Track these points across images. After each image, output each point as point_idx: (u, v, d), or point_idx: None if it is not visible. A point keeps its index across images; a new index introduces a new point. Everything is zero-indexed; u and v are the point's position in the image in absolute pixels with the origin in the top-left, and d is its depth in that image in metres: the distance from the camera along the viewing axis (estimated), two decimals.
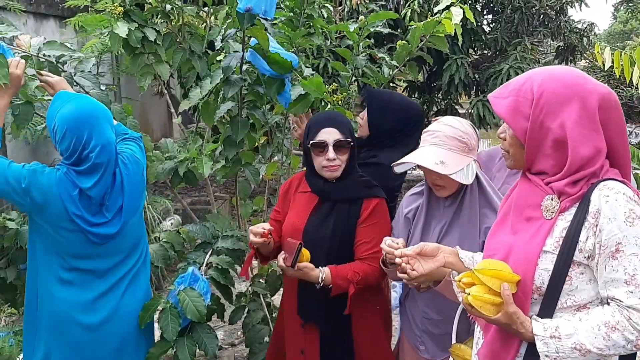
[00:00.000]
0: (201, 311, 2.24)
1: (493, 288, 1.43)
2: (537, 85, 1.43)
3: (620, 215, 1.36)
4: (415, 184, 2.26)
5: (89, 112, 1.99)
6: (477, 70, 7.64)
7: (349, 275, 2.11)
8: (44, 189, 1.96)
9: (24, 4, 5.67)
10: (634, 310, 1.34)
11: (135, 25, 2.75)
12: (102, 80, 6.82)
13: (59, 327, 2.06)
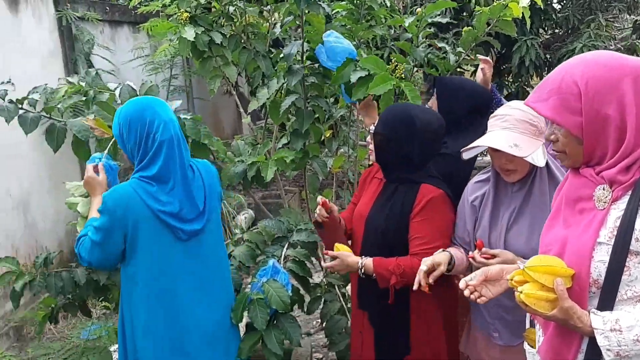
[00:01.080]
0: (285, 301, 2.34)
1: (546, 284, 1.40)
2: (579, 77, 1.37)
3: None
4: (482, 170, 2.25)
5: (147, 100, 2.14)
6: (548, 50, 7.37)
7: (392, 266, 2.14)
8: (119, 195, 2.06)
9: (100, 13, 5.98)
10: None
11: (202, 29, 2.87)
12: (175, 83, 7.14)
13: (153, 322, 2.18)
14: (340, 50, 2.64)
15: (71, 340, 3.63)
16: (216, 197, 2.28)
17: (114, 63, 6.09)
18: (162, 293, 2.16)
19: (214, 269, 2.28)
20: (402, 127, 2.19)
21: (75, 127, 2.52)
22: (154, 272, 2.14)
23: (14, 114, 2.53)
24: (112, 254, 2.12)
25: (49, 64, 5.04)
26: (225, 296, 2.35)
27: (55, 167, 4.72)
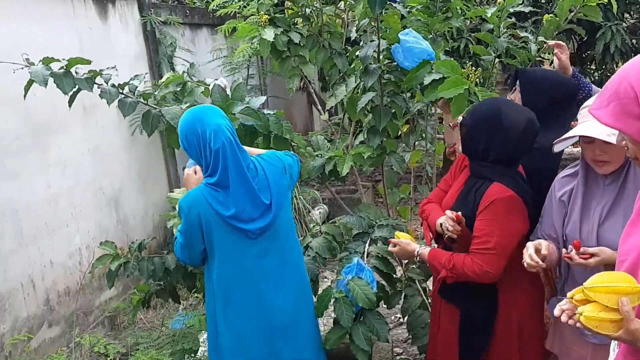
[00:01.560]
0: (371, 299, 2.39)
1: (609, 305, 1.31)
2: (635, 81, 1.28)
3: None
4: (569, 165, 2.19)
5: (196, 111, 2.24)
6: (635, 36, 7.00)
7: (444, 260, 2.18)
8: (191, 198, 2.22)
9: (180, 16, 6.22)
10: None
11: (281, 30, 2.95)
12: (251, 82, 7.31)
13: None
14: (418, 51, 2.65)
15: (161, 330, 3.84)
16: (283, 191, 2.35)
17: (195, 64, 6.32)
18: (238, 288, 2.29)
19: (288, 261, 2.38)
20: (486, 122, 2.17)
21: (169, 115, 2.67)
22: (228, 269, 2.28)
23: (115, 97, 2.73)
24: (197, 252, 2.29)
25: (135, 66, 5.29)
26: (301, 286, 2.44)
27: (143, 168, 5.00)
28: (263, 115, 2.67)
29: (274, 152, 2.42)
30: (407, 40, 2.70)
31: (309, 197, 6.34)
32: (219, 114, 2.25)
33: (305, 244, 2.75)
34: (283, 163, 2.38)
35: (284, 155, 2.43)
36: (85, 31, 4.55)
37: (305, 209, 6.03)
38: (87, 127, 4.34)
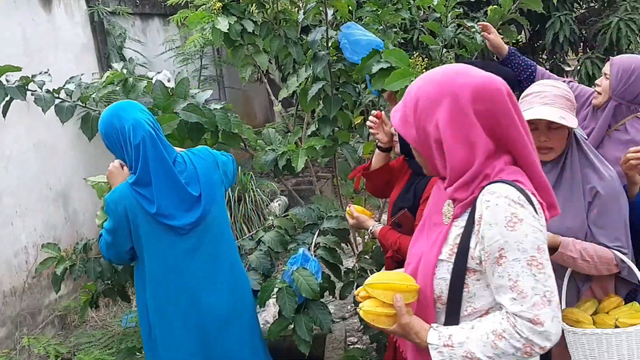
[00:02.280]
0: (315, 289, 2.37)
1: (386, 301, 1.41)
2: (414, 91, 1.39)
3: (501, 220, 1.29)
4: None
5: (113, 108, 2.18)
6: (584, 25, 7.14)
7: (392, 240, 2.25)
8: (118, 194, 2.16)
9: (130, 7, 6.05)
10: (519, 318, 1.28)
11: (234, 19, 2.88)
12: (205, 73, 7.20)
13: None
14: (366, 42, 2.63)
15: (112, 328, 3.75)
16: (215, 185, 2.30)
17: (146, 55, 6.17)
18: (170, 285, 2.24)
19: (221, 257, 2.33)
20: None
21: None
22: (159, 267, 2.22)
23: (50, 103, 2.61)
24: (124, 251, 2.23)
25: (83, 59, 5.14)
26: (236, 283, 2.39)
27: (92, 163, 4.84)
28: (208, 111, 2.59)
29: (205, 147, 2.39)
30: (352, 33, 2.67)
31: (267, 190, 6.29)
32: (137, 108, 2.19)
33: (258, 239, 2.71)
34: (215, 158, 2.34)
35: (218, 152, 2.40)
36: (29, 23, 4.38)
37: (264, 202, 5.99)
38: (32, 122, 4.18)
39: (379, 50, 2.60)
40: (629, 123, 2.43)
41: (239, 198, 5.70)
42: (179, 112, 2.53)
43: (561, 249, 1.93)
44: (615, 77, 2.41)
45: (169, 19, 6.53)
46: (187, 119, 2.55)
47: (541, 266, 1.29)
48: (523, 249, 1.29)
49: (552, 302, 1.29)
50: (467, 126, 1.34)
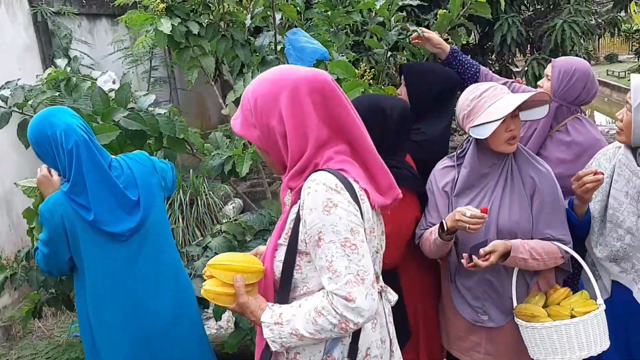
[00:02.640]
0: None
1: (226, 281, 1.48)
2: (250, 94, 1.47)
3: (318, 205, 1.38)
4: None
5: (42, 114, 2.11)
6: (530, 27, 7.35)
7: None
8: (52, 204, 2.08)
9: (76, 7, 5.89)
10: (335, 295, 1.36)
11: (179, 20, 2.82)
12: (155, 74, 7.07)
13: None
14: (311, 50, 2.61)
15: (58, 338, 3.63)
16: (154, 189, 2.25)
17: (94, 57, 6.02)
18: (113, 293, 2.17)
19: (164, 263, 2.27)
20: (373, 118, 2.14)
21: None
22: (99, 275, 2.15)
23: None
24: (63, 261, 2.15)
25: (26, 60, 4.97)
26: (180, 289, 2.33)
27: (37, 168, 4.67)
28: (151, 117, 2.53)
29: (142, 152, 2.33)
30: (298, 40, 2.65)
31: (221, 193, 6.22)
32: (67, 112, 2.12)
33: (205, 245, 2.66)
34: (152, 163, 2.29)
35: (156, 159, 2.35)
36: None
37: (217, 205, 5.91)
38: None
39: (324, 61, 2.59)
40: (570, 124, 2.48)
41: (192, 201, 5.61)
42: (119, 121, 2.45)
43: (513, 253, 1.97)
44: (557, 78, 2.46)
45: (118, 19, 6.37)
46: (127, 127, 2.48)
47: (354, 247, 1.37)
48: (337, 231, 1.36)
49: (365, 280, 1.36)
50: (304, 117, 1.42)
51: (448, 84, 2.49)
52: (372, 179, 1.50)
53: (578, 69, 2.44)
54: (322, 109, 1.44)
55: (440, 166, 2.21)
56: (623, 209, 1.99)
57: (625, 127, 1.96)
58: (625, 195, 1.99)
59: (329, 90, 1.45)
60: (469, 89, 2.11)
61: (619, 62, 22.07)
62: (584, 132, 2.46)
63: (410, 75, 2.49)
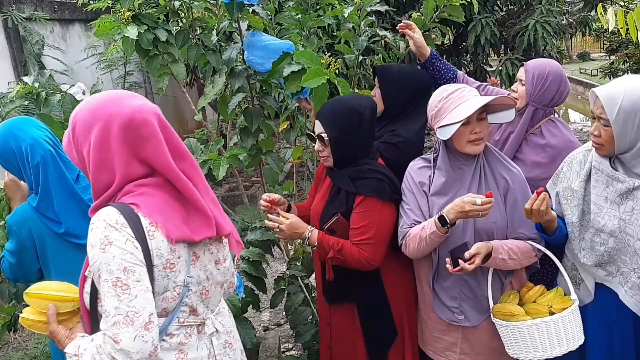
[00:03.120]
0: (236, 305, 2.32)
1: (40, 309, 1.53)
2: (73, 116, 1.46)
3: (97, 242, 1.36)
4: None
5: (6, 126, 2.07)
6: (503, 27, 7.44)
7: (332, 242, 2.20)
8: (20, 215, 2.07)
9: (48, 12, 5.83)
10: (105, 335, 1.35)
11: (145, 28, 2.80)
12: (130, 79, 7.02)
13: None
14: (275, 47, 2.60)
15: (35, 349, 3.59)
16: None
17: (67, 62, 5.97)
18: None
19: None
20: (350, 121, 2.19)
21: None
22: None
23: None
24: (31, 271, 2.13)
25: None
26: None
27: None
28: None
29: None
30: (260, 40, 2.65)
31: None
32: (34, 124, 2.10)
33: None
34: None
35: None
36: None
37: None
38: None
39: (290, 53, 2.59)
40: (544, 127, 2.51)
41: None
42: None
43: (494, 254, 2.01)
44: (531, 82, 2.48)
45: (91, 24, 6.31)
46: None
47: (126, 287, 1.34)
48: (110, 270, 1.34)
49: (135, 321, 1.33)
50: (110, 153, 1.41)
51: (421, 86, 2.52)
52: (189, 216, 1.47)
53: (551, 72, 2.47)
54: (135, 146, 1.42)
55: (416, 166, 2.23)
56: (604, 213, 1.99)
57: (606, 141, 1.94)
58: (604, 200, 2.00)
59: (145, 129, 1.42)
60: (439, 89, 2.14)
61: (591, 60, 22.43)
62: (558, 135, 2.49)
63: (383, 77, 2.51)
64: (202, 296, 1.54)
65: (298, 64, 2.50)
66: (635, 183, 1.92)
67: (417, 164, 2.24)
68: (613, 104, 1.89)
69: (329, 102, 2.30)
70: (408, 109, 2.46)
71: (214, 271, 1.57)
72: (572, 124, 9.77)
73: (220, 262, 1.59)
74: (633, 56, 10.04)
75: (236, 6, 2.50)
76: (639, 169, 1.94)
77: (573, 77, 19.93)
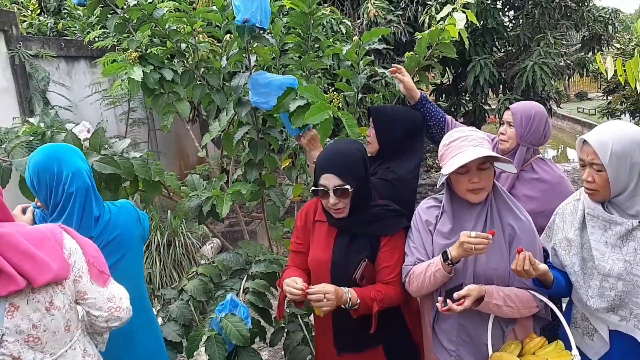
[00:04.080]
0: (244, 335, 2.32)
1: None
2: None
3: None
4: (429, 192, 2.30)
5: (53, 149, 2.08)
6: (502, 68, 7.55)
7: (372, 294, 2.16)
8: None
9: (55, 49, 5.93)
10: None
11: (151, 68, 2.86)
12: (134, 115, 7.09)
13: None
14: (279, 83, 2.65)
15: None
16: (134, 241, 2.18)
17: (72, 99, 6.04)
18: None
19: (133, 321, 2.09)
20: (364, 167, 2.22)
21: (21, 167, 2.44)
22: None
23: None
24: None
25: (2, 103, 4.97)
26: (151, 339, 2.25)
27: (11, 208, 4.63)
28: (125, 161, 2.54)
29: (128, 202, 2.26)
30: (264, 77, 2.69)
31: (199, 233, 6.19)
32: (79, 155, 2.11)
33: (180, 288, 2.65)
34: (137, 214, 2.24)
35: (137, 212, 2.28)
36: None
37: (195, 246, 5.88)
38: None
39: (294, 88, 2.63)
40: (534, 163, 2.63)
41: (169, 243, 5.58)
42: (92, 165, 2.46)
43: (487, 298, 2.00)
44: (520, 124, 2.60)
45: (96, 61, 6.43)
46: (101, 171, 2.48)
47: None
48: None
49: None
50: None
51: (415, 126, 2.58)
52: None
53: (537, 113, 2.60)
54: None
55: (425, 205, 2.25)
56: (607, 257, 1.98)
57: (601, 186, 1.95)
58: (605, 244, 2.00)
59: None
60: (447, 135, 2.17)
61: (589, 100, 22.74)
62: (549, 170, 2.61)
63: (378, 118, 2.56)
64: (30, 343, 1.57)
65: (303, 99, 2.54)
66: (634, 223, 1.94)
67: (427, 203, 2.26)
68: (605, 148, 1.91)
69: (333, 153, 2.25)
70: (402, 148, 2.50)
71: (45, 318, 1.59)
72: (571, 163, 9.82)
73: (54, 308, 1.61)
74: (630, 97, 10.17)
75: (247, 30, 2.56)
76: (633, 210, 1.96)
77: (571, 116, 20.18)
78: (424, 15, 6.52)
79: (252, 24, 2.55)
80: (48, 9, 8.35)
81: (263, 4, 2.57)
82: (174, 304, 2.61)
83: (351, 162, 2.20)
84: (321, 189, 2.18)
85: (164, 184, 2.79)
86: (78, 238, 1.76)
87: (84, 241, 1.78)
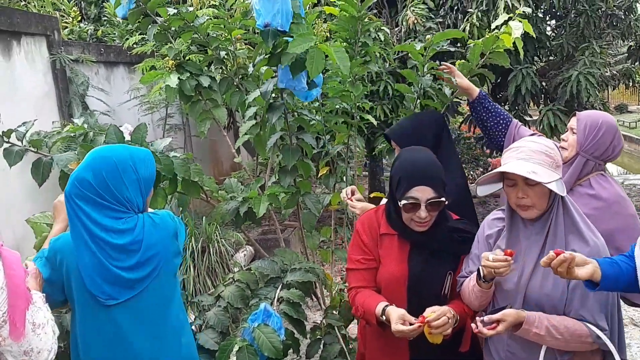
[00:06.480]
0: (277, 347, 2.26)
1: None
2: None
3: None
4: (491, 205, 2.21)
5: (149, 152, 2.10)
6: (544, 78, 7.35)
7: (466, 309, 2.12)
8: (60, 243, 1.96)
9: (94, 55, 6.00)
10: None
11: (188, 75, 2.85)
12: (171, 121, 7.15)
13: None
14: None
15: None
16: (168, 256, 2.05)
17: (110, 104, 6.10)
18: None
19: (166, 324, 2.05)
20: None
21: (62, 162, 2.43)
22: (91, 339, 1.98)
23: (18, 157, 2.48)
24: (57, 301, 1.99)
25: (43, 106, 5.03)
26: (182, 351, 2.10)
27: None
28: (166, 158, 2.49)
29: (168, 213, 2.12)
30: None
31: (233, 240, 6.15)
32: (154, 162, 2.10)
33: (217, 294, 2.59)
34: (175, 229, 2.09)
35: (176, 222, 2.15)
36: None
37: (228, 252, 5.85)
38: None
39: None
40: (593, 179, 2.40)
41: (203, 249, 5.55)
42: None
43: (526, 325, 1.86)
44: (583, 132, 2.38)
45: (135, 67, 6.48)
46: None
47: None
48: None
49: None
50: None
51: (437, 123, 2.53)
52: None
53: (604, 123, 2.38)
54: None
55: (491, 217, 2.16)
56: None
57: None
58: None
59: None
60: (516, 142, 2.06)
61: (629, 113, 22.16)
62: (608, 188, 2.37)
63: (399, 138, 2.50)
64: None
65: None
66: None
67: (494, 214, 2.16)
68: None
69: (424, 164, 2.12)
70: (437, 152, 2.38)
71: None
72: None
73: None
74: None
75: (271, 34, 2.50)
76: None
77: None
78: (464, 24, 6.39)
79: (273, 27, 2.49)
80: (89, 16, 8.50)
81: (284, 7, 2.49)
82: (211, 311, 2.56)
83: (442, 173, 2.11)
84: (412, 202, 2.07)
85: (202, 186, 2.74)
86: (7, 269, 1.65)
87: (11, 276, 1.65)
